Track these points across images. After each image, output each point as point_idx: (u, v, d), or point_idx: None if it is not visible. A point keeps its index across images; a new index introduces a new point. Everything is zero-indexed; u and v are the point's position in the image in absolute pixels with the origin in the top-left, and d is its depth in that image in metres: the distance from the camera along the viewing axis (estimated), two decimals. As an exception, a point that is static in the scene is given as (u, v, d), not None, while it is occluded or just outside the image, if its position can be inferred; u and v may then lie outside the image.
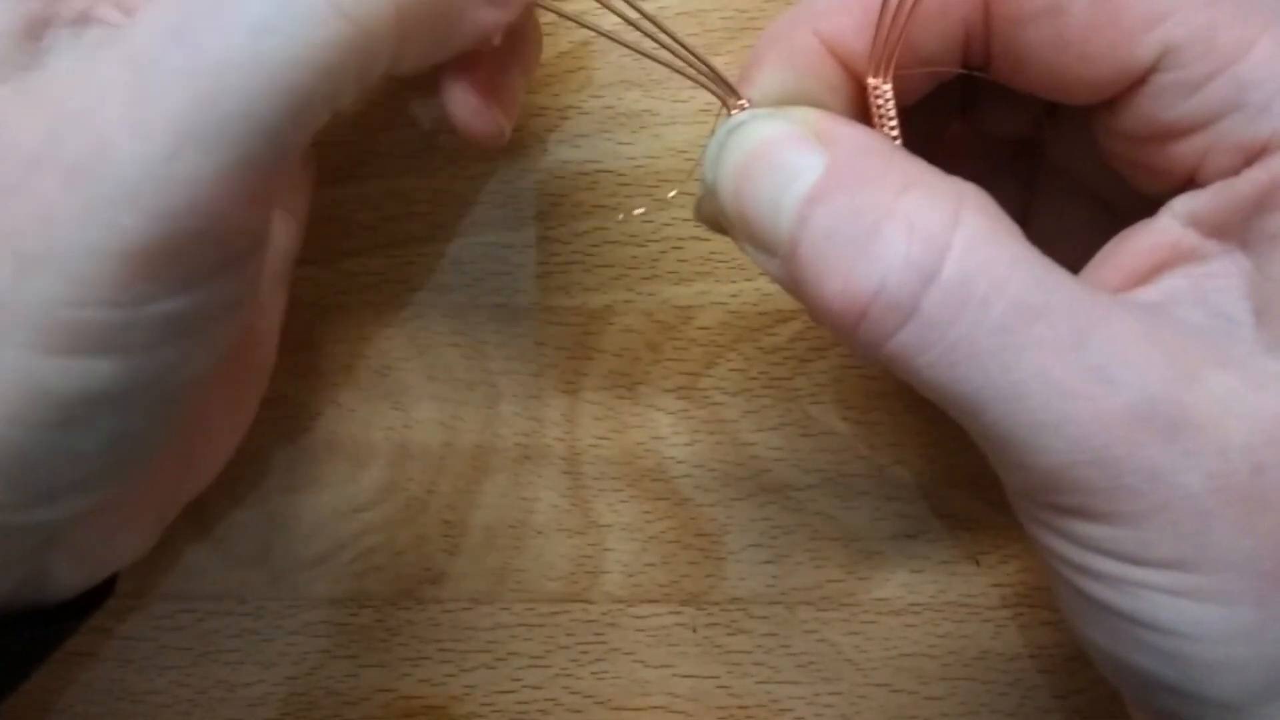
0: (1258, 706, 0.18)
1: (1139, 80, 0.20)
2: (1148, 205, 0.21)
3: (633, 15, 0.22)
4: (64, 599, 0.24)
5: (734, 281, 0.31)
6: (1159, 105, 0.19)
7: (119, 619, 0.31)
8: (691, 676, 0.30)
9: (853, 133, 0.20)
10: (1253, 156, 0.19)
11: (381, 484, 0.31)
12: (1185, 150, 0.20)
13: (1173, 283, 0.20)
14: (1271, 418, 0.17)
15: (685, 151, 0.31)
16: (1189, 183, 0.20)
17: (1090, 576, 0.19)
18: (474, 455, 0.31)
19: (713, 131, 0.22)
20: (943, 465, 0.30)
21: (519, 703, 0.30)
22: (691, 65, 0.22)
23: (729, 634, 0.30)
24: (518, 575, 0.30)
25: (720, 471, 0.31)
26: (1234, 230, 0.19)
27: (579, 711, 0.30)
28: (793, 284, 0.19)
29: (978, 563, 0.30)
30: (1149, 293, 0.20)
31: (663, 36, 0.22)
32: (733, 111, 0.22)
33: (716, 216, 0.21)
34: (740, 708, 0.30)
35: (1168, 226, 0.20)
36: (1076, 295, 0.18)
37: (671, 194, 0.30)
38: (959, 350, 0.17)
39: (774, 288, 0.31)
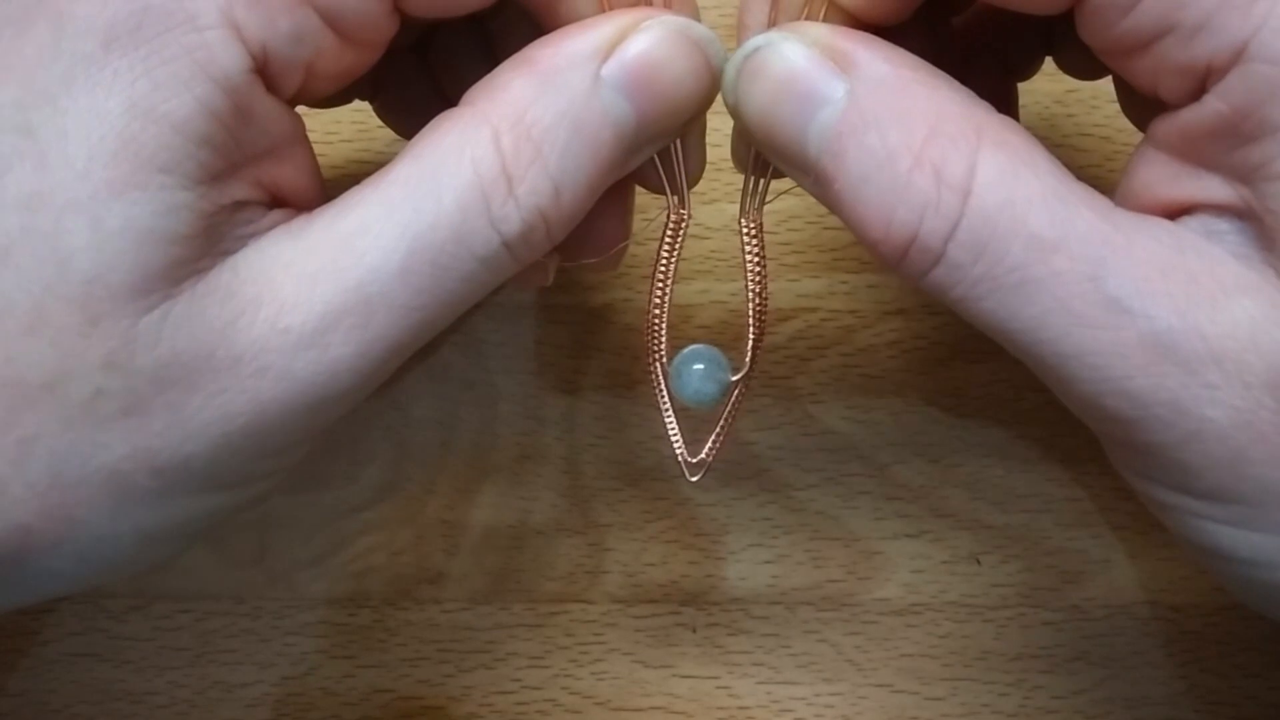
0: None
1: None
2: None
3: None
4: None
5: (734, 280, 0.31)
6: (1101, 23, 0.19)
7: (117, 619, 0.30)
8: (691, 677, 0.30)
9: (870, 54, 0.20)
10: (1199, 80, 0.19)
11: (380, 483, 0.31)
12: (1141, 70, 0.20)
13: (1192, 219, 0.19)
14: None
15: (685, 150, 0.31)
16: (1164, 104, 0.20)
17: (1159, 508, 0.19)
18: (473, 454, 0.31)
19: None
20: (943, 465, 0.30)
21: (518, 703, 0.30)
22: None
23: (729, 634, 0.30)
24: (517, 575, 0.30)
25: (720, 471, 0.31)
26: (1219, 164, 0.19)
27: (578, 712, 0.30)
28: (828, 205, 0.20)
29: (979, 562, 0.30)
30: (1186, 223, 0.19)
31: None
32: (674, 217, 0.23)
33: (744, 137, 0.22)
34: (740, 708, 0.30)
35: (1160, 157, 0.20)
36: (1095, 225, 0.18)
37: None
38: (981, 287, 0.18)
39: (775, 286, 0.31)
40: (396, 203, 0.19)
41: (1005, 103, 0.27)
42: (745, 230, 0.24)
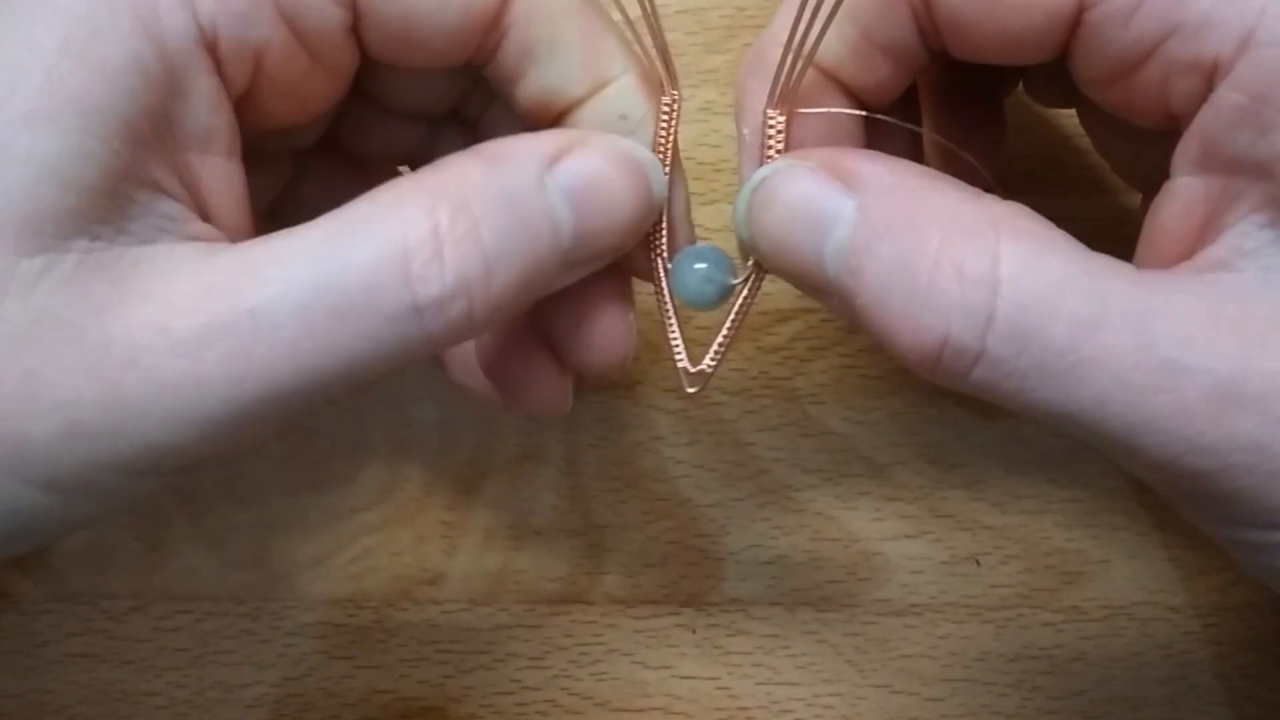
0: None
1: (1074, 24, 0.20)
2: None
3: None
4: None
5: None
6: (1101, 44, 0.19)
7: (117, 620, 0.30)
8: (691, 678, 0.30)
9: (874, 168, 0.20)
10: (1207, 77, 0.19)
11: (380, 484, 0.31)
12: (1148, 84, 0.20)
13: (1224, 239, 0.19)
14: None
15: (685, 150, 0.31)
16: (1175, 119, 0.20)
17: (1246, 548, 0.19)
18: (472, 455, 0.31)
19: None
20: (943, 465, 0.30)
21: (517, 704, 0.30)
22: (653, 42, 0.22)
23: (729, 635, 0.30)
24: (516, 576, 0.30)
25: (720, 471, 0.31)
26: (1243, 163, 0.19)
27: (578, 713, 0.30)
28: (856, 323, 0.20)
29: (978, 563, 0.30)
30: (1216, 250, 0.19)
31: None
32: (668, 101, 0.22)
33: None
34: (740, 709, 0.30)
35: (1186, 183, 0.20)
36: (1131, 294, 0.18)
37: None
38: (1032, 376, 0.18)
39: (774, 287, 0.31)
40: (313, 242, 0.18)
41: (993, 122, 0.27)
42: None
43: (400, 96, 0.24)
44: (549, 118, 0.22)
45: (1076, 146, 0.31)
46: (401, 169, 0.27)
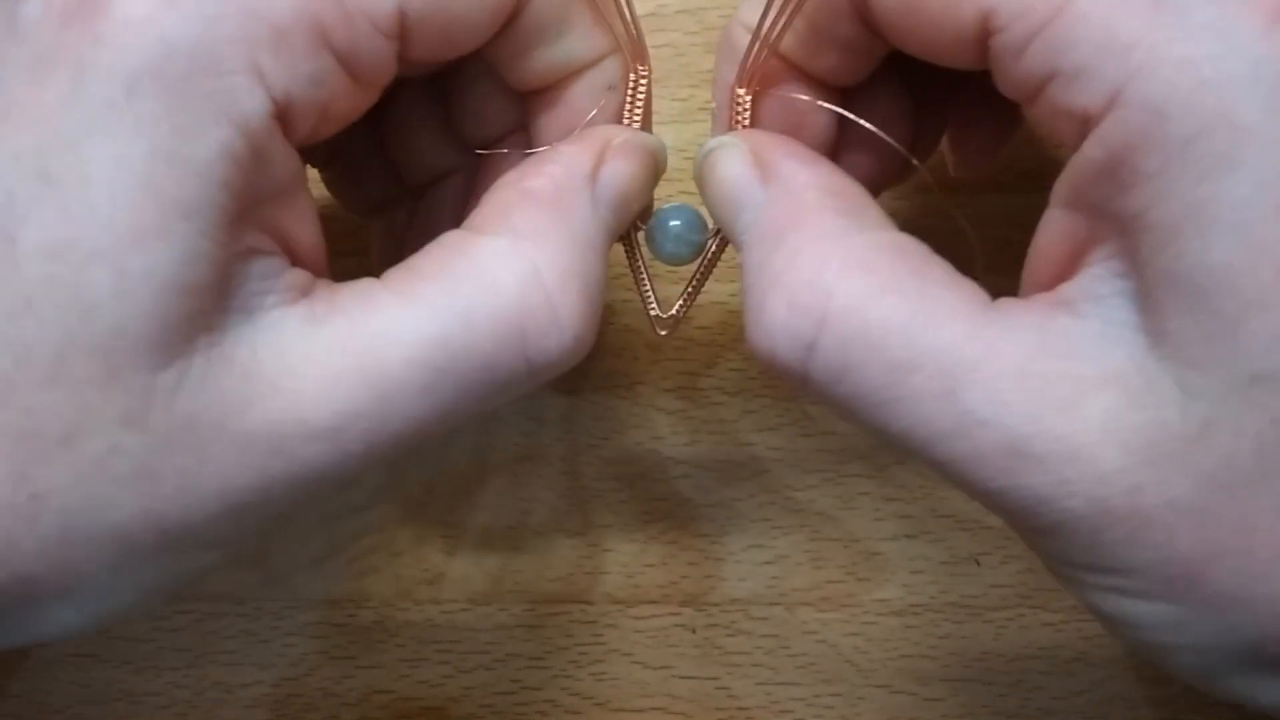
0: (1221, 679, 0.19)
1: (982, 43, 0.20)
2: None
3: None
4: None
5: (733, 281, 0.31)
6: (1001, 68, 0.19)
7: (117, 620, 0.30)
8: (691, 678, 0.30)
9: (791, 167, 0.21)
10: (1083, 125, 0.19)
11: (379, 484, 0.31)
12: (1039, 118, 0.20)
13: (1080, 278, 0.20)
14: (1146, 437, 0.18)
15: (684, 150, 0.31)
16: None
17: (1054, 575, 0.20)
18: (472, 455, 0.31)
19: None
20: (943, 465, 0.30)
21: (517, 704, 0.30)
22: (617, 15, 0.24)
23: (728, 635, 0.30)
24: (516, 576, 0.30)
25: (720, 471, 0.31)
26: (1104, 213, 0.19)
27: (578, 713, 0.30)
28: None
29: (978, 563, 0.30)
30: (1070, 288, 0.20)
31: None
32: (633, 76, 0.24)
33: None
34: (740, 709, 0.30)
35: (1059, 214, 0.20)
36: (953, 341, 0.19)
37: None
38: (850, 404, 0.19)
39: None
40: (424, 321, 0.19)
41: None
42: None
43: (400, 73, 0.24)
44: (541, 85, 0.24)
45: (1076, 146, 0.31)
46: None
